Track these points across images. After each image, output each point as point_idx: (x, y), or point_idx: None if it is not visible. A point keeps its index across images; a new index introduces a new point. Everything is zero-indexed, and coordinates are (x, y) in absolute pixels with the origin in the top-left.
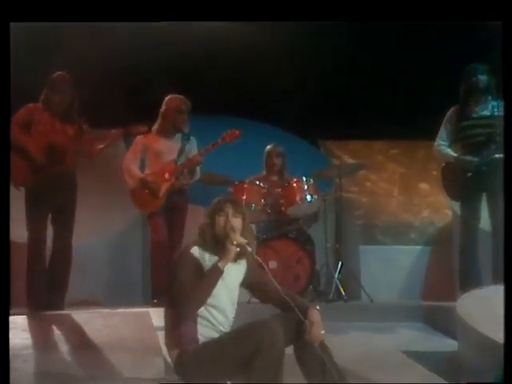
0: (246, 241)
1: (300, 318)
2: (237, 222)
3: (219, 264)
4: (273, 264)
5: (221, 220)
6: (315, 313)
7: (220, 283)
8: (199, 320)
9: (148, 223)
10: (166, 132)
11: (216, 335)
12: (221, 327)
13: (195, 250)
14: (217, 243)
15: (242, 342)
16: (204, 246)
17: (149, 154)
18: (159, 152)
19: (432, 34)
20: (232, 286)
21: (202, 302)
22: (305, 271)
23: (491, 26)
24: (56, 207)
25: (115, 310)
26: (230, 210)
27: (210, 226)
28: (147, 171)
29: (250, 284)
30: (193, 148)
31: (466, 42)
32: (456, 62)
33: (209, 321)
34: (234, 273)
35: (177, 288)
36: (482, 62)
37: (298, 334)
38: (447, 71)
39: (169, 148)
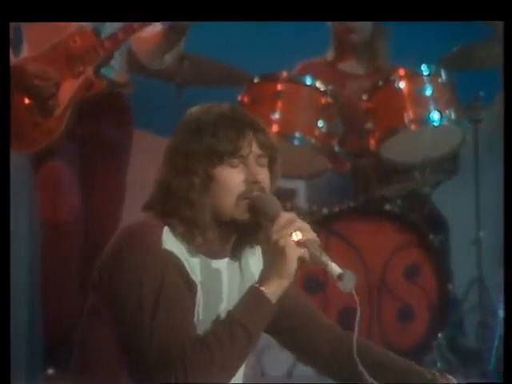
0: (313, 235)
1: None
2: (264, 180)
3: (265, 291)
4: (346, 279)
5: (236, 173)
6: None
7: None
8: None
9: (36, 178)
10: None
11: None
12: None
13: (168, 240)
14: (222, 227)
15: None
16: (183, 232)
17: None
18: None
19: None
20: None
21: (230, 378)
22: (424, 298)
23: None
24: None
25: None
26: (254, 148)
27: (203, 185)
28: (26, 52)
29: (276, 324)
30: None
31: None
32: None
33: None
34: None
35: (141, 339)
36: None
37: None
38: None
39: None
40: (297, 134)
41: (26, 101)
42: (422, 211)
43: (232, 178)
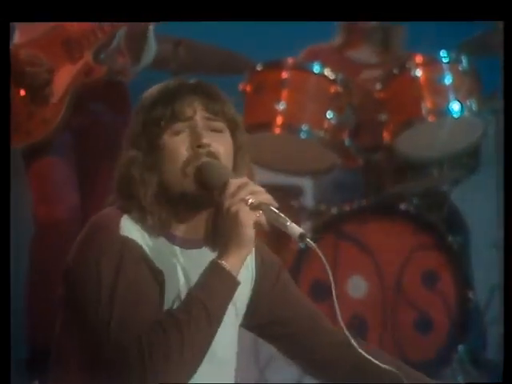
0: (268, 197)
1: None
2: (217, 145)
3: (224, 263)
4: (356, 285)
5: (180, 140)
6: None
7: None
8: None
9: (28, 175)
10: None
11: None
12: None
13: (127, 227)
14: (177, 204)
15: None
16: (137, 216)
17: None
18: None
19: None
20: (223, 336)
21: (196, 365)
22: (443, 306)
23: None
24: None
25: None
26: (198, 110)
27: (146, 159)
28: (18, 38)
29: (276, 329)
30: None
31: None
32: None
33: None
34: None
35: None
36: None
37: None
38: None
39: None
40: (303, 127)
41: (22, 90)
42: (440, 211)
43: (176, 146)
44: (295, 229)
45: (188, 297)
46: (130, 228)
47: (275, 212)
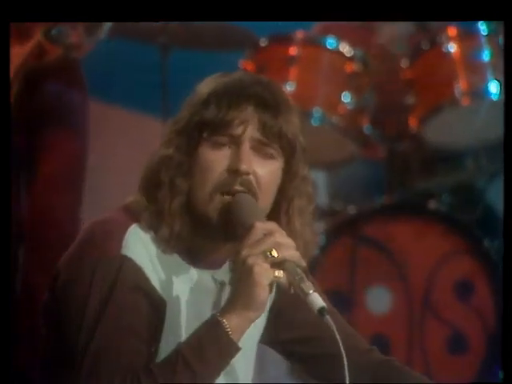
0: (295, 254)
1: None
2: (260, 172)
3: (225, 323)
4: (377, 297)
5: (220, 156)
6: None
7: None
8: None
9: None
10: None
11: None
12: None
13: (131, 244)
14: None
15: None
16: (154, 224)
17: None
18: None
19: None
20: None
21: None
22: (480, 322)
23: None
24: None
25: None
26: (250, 129)
27: (183, 164)
28: None
29: (286, 342)
30: None
31: None
32: None
33: None
34: None
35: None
36: None
37: None
38: None
39: None
40: (315, 111)
41: None
42: (475, 210)
43: (212, 162)
44: (317, 300)
45: (176, 353)
46: (134, 244)
47: (299, 274)
